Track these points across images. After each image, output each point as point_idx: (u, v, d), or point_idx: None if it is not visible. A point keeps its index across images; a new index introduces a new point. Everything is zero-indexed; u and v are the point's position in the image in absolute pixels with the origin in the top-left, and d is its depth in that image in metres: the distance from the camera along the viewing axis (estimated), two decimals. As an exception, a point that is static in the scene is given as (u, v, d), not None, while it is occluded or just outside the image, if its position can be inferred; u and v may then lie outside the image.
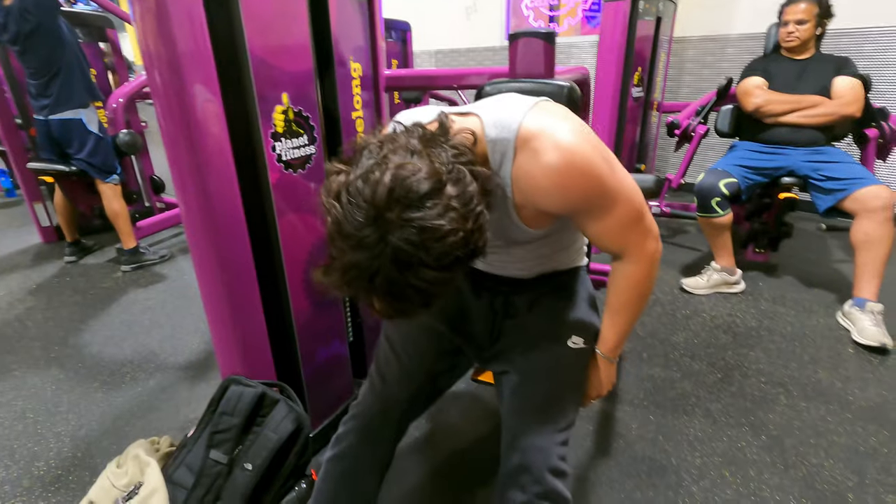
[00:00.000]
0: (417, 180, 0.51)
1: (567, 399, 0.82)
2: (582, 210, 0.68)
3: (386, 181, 0.51)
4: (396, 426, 0.91)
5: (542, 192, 0.65)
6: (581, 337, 0.86)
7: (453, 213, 0.52)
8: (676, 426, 1.40)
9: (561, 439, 0.78)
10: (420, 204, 0.51)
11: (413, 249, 0.51)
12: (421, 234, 0.51)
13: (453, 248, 0.53)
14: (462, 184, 0.54)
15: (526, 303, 0.90)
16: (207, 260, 1.02)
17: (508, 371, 0.86)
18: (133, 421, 1.49)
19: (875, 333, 1.71)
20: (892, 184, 2.86)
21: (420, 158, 0.54)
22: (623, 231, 0.71)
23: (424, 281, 0.53)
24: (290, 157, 1.07)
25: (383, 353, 0.94)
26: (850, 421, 1.40)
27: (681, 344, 1.80)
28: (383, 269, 0.53)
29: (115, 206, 2.52)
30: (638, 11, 2.22)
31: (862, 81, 1.99)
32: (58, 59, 2.25)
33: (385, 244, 0.51)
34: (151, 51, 0.85)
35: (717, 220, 2.06)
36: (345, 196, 0.53)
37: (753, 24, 3.06)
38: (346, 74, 1.22)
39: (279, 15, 0.98)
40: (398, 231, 0.51)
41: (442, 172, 0.53)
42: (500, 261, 0.88)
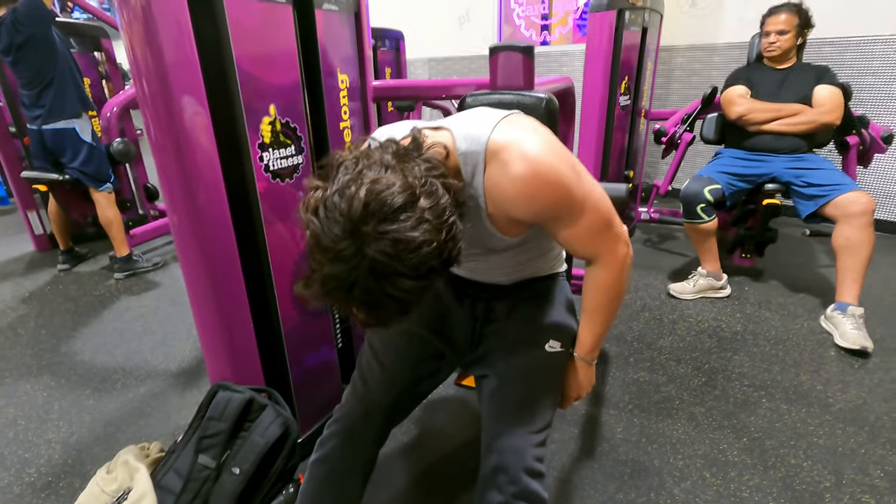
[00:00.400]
0: (391, 194, 0.54)
1: (543, 401, 0.85)
2: (551, 218, 0.71)
3: (361, 195, 0.54)
4: (378, 430, 0.93)
5: (512, 201, 0.68)
6: (558, 341, 0.88)
7: (427, 225, 0.55)
8: (660, 429, 1.43)
9: (537, 440, 0.80)
10: (394, 217, 0.54)
11: (389, 260, 0.54)
12: (396, 246, 0.53)
13: (428, 258, 0.55)
14: (435, 196, 0.57)
15: (506, 308, 0.93)
16: (196, 267, 1.04)
17: (488, 375, 0.89)
18: (124, 427, 1.50)
19: (856, 337, 1.74)
20: (874, 189, 2.91)
21: (394, 173, 0.57)
22: (592, 237, 0.74)
23: (401, 290, 0.56)
24: (278, 166, 1.10)
25: (366, 357, 0.96)
26: (829, 423, 1.43)
27: (666, 348, 1.82)
28: (361, 280, 0.55)
29: (109, 214, 2.54)
30: (624, 22, 2.26)
31: (842, 90, 2.03)
32: (50, 70, 2.28)
33: (362, 256, 0.54)
34: (139, 59, 0.87)
35: (702, 225, 2.10)
36: (322, 211, 0.55)
37: (739, 34, 3.12)
38: (334, 86, 1.25)
39: (266, 28, 1.01)
40: (374, 243, 0.53)
41: (415, 186, 0.56)
42: (479, 268, 0.91)
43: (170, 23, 0.85)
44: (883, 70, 2.72)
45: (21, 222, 3.02)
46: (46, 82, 2.29)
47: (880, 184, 2.89)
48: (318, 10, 1.13)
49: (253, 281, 1.12)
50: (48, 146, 2.40)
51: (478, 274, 0.94)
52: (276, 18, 1.03)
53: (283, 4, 1.03)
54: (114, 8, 0.83)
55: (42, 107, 2.31)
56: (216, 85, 0.96)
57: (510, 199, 0.68)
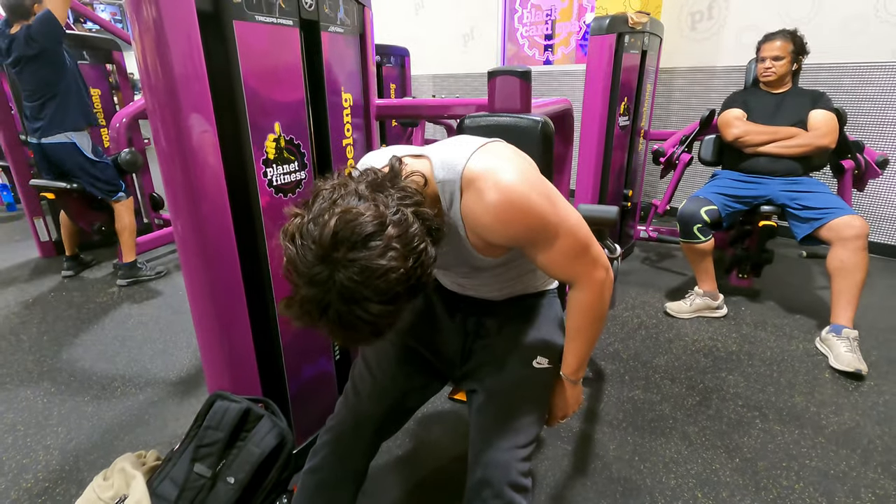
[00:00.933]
0: (360, 223, 0.58)
1: (529, 417, 0.86)
2: (526, 243, 0.75)
3: (332, 224, 0.57)
4: (369, 441, 0.95)
5: (487, 228, 0.72)
6: (546, 357, 0.91)
7: (394, 252, 0.58)
8: (653, 448, 1.44)
9: (522, 455, 0.82)
10: (363, 244, 0.57)
11: (356, 286, 0.57)
12: (363, 273, 0.57)
13: (395, 284, 0.58)
14: (404, 225, 0.60)
15: (496, 324, 0.95)
16: (198, 278, 1.07)
17: (476, 390, 0.91)
18: (121, 435, 1.51)
19: (850, 360, 1.75)
20: (869, 212, 2.93)
21: (366, 202, 0.60)
22: (568, 261, 0.77)
23: (370, 314, 0.59)
24: (281, 182, 1.13)
25: (359, 369, 0.99)
26: (822, 445, 1.44)
27: (662, 367, 1.83)
28: (333, 303, 0.58)
29: (125, 221, 2.61)
30: (623, 45, 2.31)
31: (837, 115, 2.07)
32: (55, 84, 2.33)
33: (333, 281, 0.57)
34: (149, 70, 0.90)
35: (698, 245, 2.12)
36: (298, 238, 0.59)
37: (738, 57, 3.18)
38: (338, 104, 1.29)
39: (273, 49, 1.05)
40: (343, 270, 0.57)
41: (385, 215, 0.59)
42: (470, 284, 0.94)
43: (180, 37, 0.89)
44: (878, 95, 2.76)
45: (28, 228, 3.06)
46: (50, 95, 2.33)
47: (876, 207, 2.92)
48: (324, 32, 1.17)
49: (253, 292, 1.14)
50: (51, 160, 2.45)
51: (469, 290, 0.97)
52: (284, 40, 1.07)
53: (290, 27, 1.07)
54: (126, 20, 0.87)
55: (42, 119, 2.36)
56: (223, 102, 0.99)
57: (485, 226, 0.72)
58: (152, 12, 0.85)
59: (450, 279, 1.00)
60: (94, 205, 2.66)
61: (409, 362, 0.97)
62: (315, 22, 1.14)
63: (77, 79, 2.45)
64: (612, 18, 2.25)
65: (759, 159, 2.16)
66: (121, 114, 2.76)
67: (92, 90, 3.11)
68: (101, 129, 3.19)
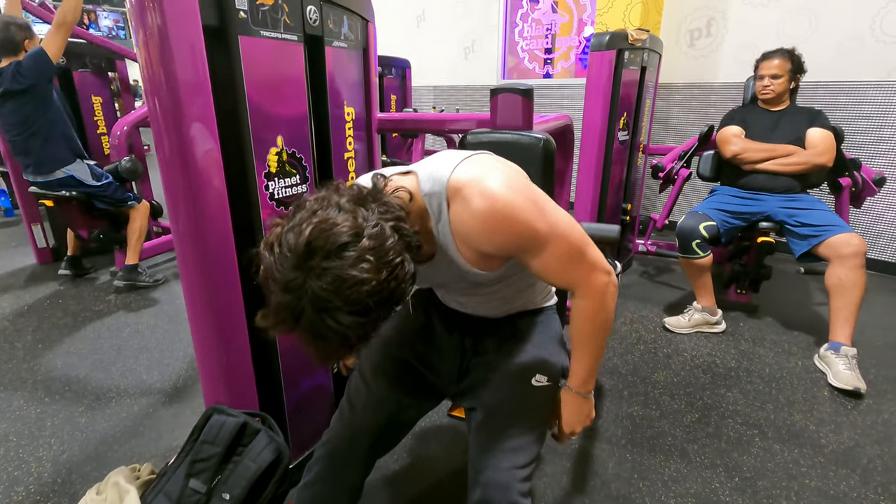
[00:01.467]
0: (335, 233, 0.58)
1: (529, 436, 0.85)
2: (517, 250, 0.74)
3: (307, 233, 0.58)
4: (363, 456, 0.95)
5: (476, 236, 0.72)
6: (545, 375, 0.90)
7: (367, 264, 0.58)
8: (652, 465, 1.43)
9: (522, 475, 0.81)
10: (337, 253, 0.58)
11: (327, 295, 0.57)
12: (335, 283, 0.57)
13: (365, 296, 0.58)
14: (381, 238, 0.60)
15: (495, 342, 0.95)
16: (197, 289, 1.06)
17: (475, 408, 0.90)
18: (115, 447, 1.50)
19: (849, 378, 1.75)
20: (867, 229, 2.95)
21: (344, 214, 0.61)
22: (563, 267, 0.75)
23: (340, 324, 0.59)
24: (282, 195, 1.13)
25: (354, 382, 0.98)
26: (822, 464, 1.43)
27: (661, 382, 1.83)
28: (306, 311, 0.58)
29: (137, 224, 2.66)
30: (623, 61, 2.33)
31: (834, 133, 2.09)
32: (37, 120, 2.35)
33: (306, 289, 0.57)
34: (153, 79, 0.90)
35: (697, 261, 2.13)
36: (276, 246, 0.60)
37: (735, 74, 3.21)
38: (340, 117, 1.30)
39: (277, 64, 1.06)
40: (316, 279, 0.57)
41: (362, 227, 0.60)
42: (469, 301, 0.93)
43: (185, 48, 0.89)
44: (875, 114, 2.79)
45: (25, 234, 3.05)
46: (32, 131, 2.35)
47: (873, 224, 2.94)
48: (328, 47, 1.18)
49: (252, 305, 1.14)
50: (54, 189, 2.48)
51: (468, 307, 0.97)
52: (288, 55, 1.08)
53: (294, 42, 1.08)
54: (128, 28, 0.87)
55: (30, 155, 2.39)
56: (227, 114, 0.99)
57: (474, 235, 0.72)
58: (157, 20, 0.86)
59: (450, 297, 0.99)
60: (93, 212, 2.66)
61: (405, 377, 0.97)
62: (319, 37, 1.15)
63: (62, 114, 2.47)
64: (612, 35, 2.28)
65: (757, 176, 2.17)
66: (122, 122, 2.76)
67: (93, 98, 3.13)
68: (102, 136, 3.19)
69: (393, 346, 1.01)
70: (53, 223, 3.10)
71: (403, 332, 1.03)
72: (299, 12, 1.07)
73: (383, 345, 1.01)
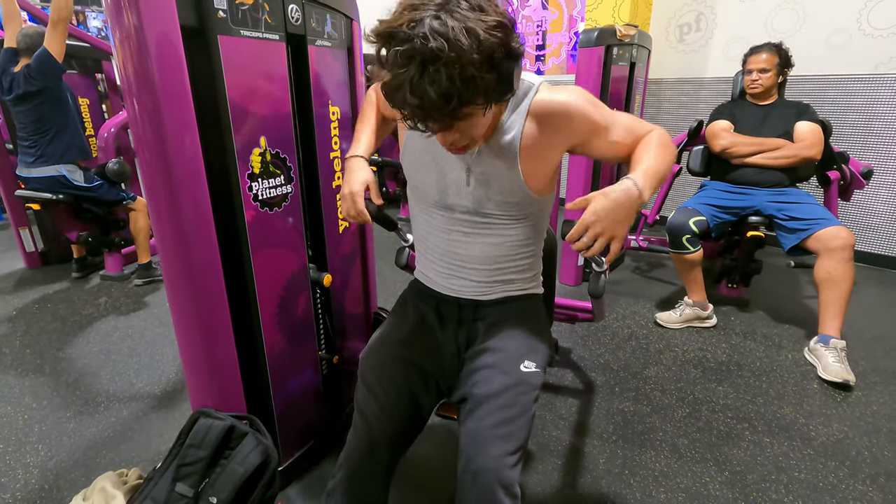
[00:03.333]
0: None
1: (517, 422, 0.85)
2: (591, 133, 0.86)
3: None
4: (385, 466, 0.94)
5: (561, 108, 0.84)
6: (533, 362, 0.91)
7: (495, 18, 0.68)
8: (643, 461, 1.43)
9: (511, 462, 0.81)
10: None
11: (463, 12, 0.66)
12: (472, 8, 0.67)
13: (495, 28, 0.67)
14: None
15: (485, 329, 0.97)
16: (181, 292, 1.05)
17: (465, 398, 0.90)
18: (104, 452, 1.48)
19: (838, 370, 1.76)
20: (856, 222, 2.97)
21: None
22: (630, 132, 0.88)
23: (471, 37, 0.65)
24: (266, 196, 1.12)
25: (361, 394, 0.97)
26: (811, 457, 1.44)
27: (652, 378, 1.83)
28: (433, 19, 0.65)
29: (140, 223, 2.69)
30: (612, 57, 2.33)
31: (822, 126, 2.10)
32: (52, 119, 2.37)
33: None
34: (130, 78, 0.89)
35: (687, 256, 2.13)
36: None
37: (725, 69, 3.22)
38: (325, 117, 1.29)
39: (259, 64, 1.05)
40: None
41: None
42: (463, 259, 0.97)
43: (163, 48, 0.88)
44: (863, 107, 2.81)
45: (13, 238, 3.01)
46: (45, 129, 2.37)
47: (862, 217, 2.96)
48: (311, 46, 1.17)
49: (238, 308, 1.13)
50: (44, 189, 2.47)
51: (459, 273, 0.99)
52: (270, 54, 1.07)
53: (276, 42, 1.07)
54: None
55: (36, 152, 2.40)
56: (208, 116, 0.98)
57: (560, 106, 0.84)
58: (133, 20, 0.85)
59: (443, 248, 0.99)
60: (81, 215, 2.64)
61: (410, 376, 0.97)
62: (302, 36, 1.14)
63: (73, 114, 2.49)
64: (600, 31, 2.28)
65: (746, 170, 2.18)
66: (109, 123, 2.74)
67: (81, 100, 3.09)
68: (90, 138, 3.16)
69: (392, 348, 1.01)
70: (42, 227, 3.07)
71: (401, 332, 1.04)
72: (281, 11, 1.06)
73: (383, 349, 1.02)
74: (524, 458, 1.38)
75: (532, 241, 0.99)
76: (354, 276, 1.54)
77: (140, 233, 2.70)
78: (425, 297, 1.08)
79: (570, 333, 2.15)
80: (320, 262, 1.36)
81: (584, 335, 2.14)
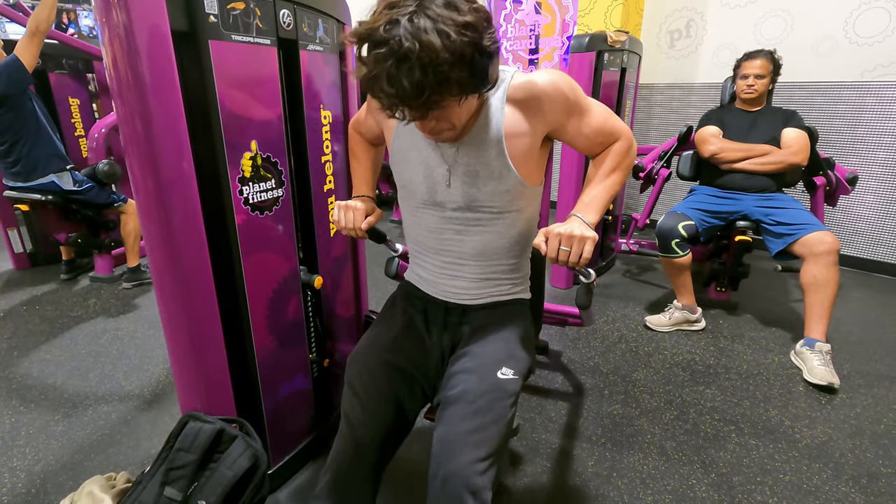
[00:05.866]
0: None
1: (492, 428, 0.84)
2: (566, 114, 0.88)
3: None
4: (371, 472, 0.94)
5: (537, 88, 0.85)
6: (511, 369, 0.91)
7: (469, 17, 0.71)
8: (631, 463, 1.44)
9: (482, 468, 0.80)
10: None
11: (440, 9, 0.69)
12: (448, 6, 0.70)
13: (468, 27, 0.70)
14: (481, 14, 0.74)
15: (469, 332, 0.98)
16: (170, 295, 1.05)
17: (441, 402, 0.91)
18: (92, 455, 1.47)
19: (823, 373, 1.79)
20: (842, 226, 3.01)
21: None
22: (604, 123, 0.91)
23: (454, 26, 0.69)
24: (257, 199, 1.13)
25: (347, 399, 0.98)
26: (796, 459, 1.46)
27: (641, 381, 1.85)
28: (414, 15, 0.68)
29: (130, 226, 2.69)
30: (603, 63, 2.36)
31: (808, 133, 2.13)
32: (20, 128, 2.35)
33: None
34: (120, 79, 0.89)
35: (676, 260, 2.16)
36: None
37: (714, 75, 3.26)
38: (317, 121, 1.29)
39: (250, 68, 1.05)
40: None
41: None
42: (455, 254, 0.98)
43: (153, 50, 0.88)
44: (849, 113, 2.85)
45: (0, 239, 2.98)
46: (15, 139, 2.36)
47: (847, 222, 3.00)
48: (303, 50, 1.18)
49: (228, 311, 1.13)
50: (37, 196, 2.46)
51: (449, 269, 1.00)
52: (261, 59, 1.07)
53: (268, 46, 1.07)
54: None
55: (16, 164, 2.39)
56: (198, 119, 0.99)
57: (537, 88, 0.85)
58: (122, 18, 0.84)
59: (436, 246, 1.00)
60: (70, 217, 2.62)
61: (396, 380, 0.97)
62: (293, 41, 1.14)
63: (44, 123, 2.46)
64: (591, 37, 2.30)
65: (734, 175, 2.21)
66: (99, 124, 2.72)
67: (71, 100, 3.07)
68: (80, 139, 3.14)
69: (379, 352, 1.01)
70: (31, 228, 3.04)
71: (388, 336, 1.04)
72: (272, 16, 1.06)
73: (369, 353, 1.02)
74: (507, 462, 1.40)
75: (523, 239, 1.00)
76: (346, 278, 1.55)
77: (130, 236, 2.69)
78: (413, 299, 1.08)
79: (561, 336, 2.17)
80: (311, 265, 1.36)
81: (574, 338, 2.15)
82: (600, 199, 0.90)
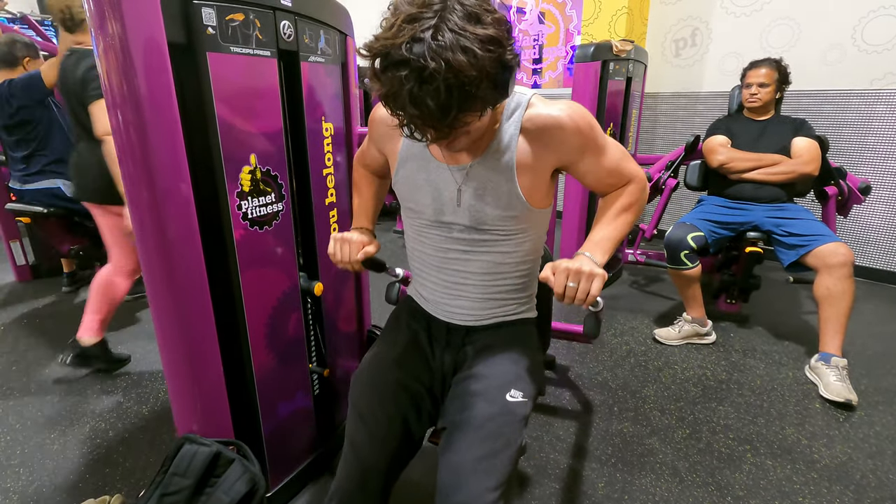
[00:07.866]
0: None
1: (501, 455, 0.81)
2: (580, 150, 0.85)
3: None
4: (379, 496, 0.90)
5: (553, 122, 0.83)
6: (520, 391, 0.87)
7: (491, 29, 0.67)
8: (643, 485, 1.39)
9: (492, 498, 0.77)
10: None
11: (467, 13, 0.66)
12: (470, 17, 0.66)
13: (493, 37, 0.67)
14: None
15: (473, 352, 0.95)
16: (167, 314, 1.02)
17: (446, 426, 0.87)
18: (87, 476, 1.43)
19: (840, 389, 1.73)
20: (855, 236, 2.96)
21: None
22: (618, 164, 0.89)
23: (475, 40, 0.65)
24: (256, 214, 1.10)
25: (352, 423, 0.94)
26: (815, 481, 1.40)
27: (651, 397, 1.80)
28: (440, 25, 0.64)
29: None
30: (608, 72, 2.33)
31: (819, 142, 2.09)
32: (38, 137, 2.34)
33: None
34: (114, 90, 0.87)
35: (686, 272, 2.11)
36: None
37: (720, 83, 3.23)
38: (318, 133, 1.27)
39: (250, 80, 1.03)
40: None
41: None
42: (461, 276, 0.94)
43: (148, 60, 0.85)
44: (859, 122, 2.81)
45: (3, 252, 2.97)
46: (33, 148, 2.35)
47: (860, 231, 2.95)
48: (304, 62, 1.16)
49: (226, 329, 1.10)
50: (37, 201, 2.44)
51: (453, 289, 0.96)
52: (261, 71, 1.05)
53: (268, 58, 1.05)
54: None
55: (28, 167, 2.37)
56: (196, 133, 0.96)
57: (552, 120, 0.83)
58: (117, 28, 0.82)
59: (441, 266, 0.96)
60: (73, 229, 2.60)
61: (401, 401, 0.93)
62: (294, 52, 1.12)
63: (64, 132, 2.44)
64: (596, 46, 2.28)
65: (744, 185, 2.17)
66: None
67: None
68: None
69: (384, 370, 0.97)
70: (34, 240, 3.03)
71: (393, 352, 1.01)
72: (272, 28, 1.04)
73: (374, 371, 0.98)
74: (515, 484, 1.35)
75: (530, 258, 0.97)
76: (348, 293, 1.51)
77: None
78: (417, 315, 1.05)
79: (568, 350, 2.12)
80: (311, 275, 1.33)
81: (581, 352, 2.11)
82: (610, 240, 0.87)
